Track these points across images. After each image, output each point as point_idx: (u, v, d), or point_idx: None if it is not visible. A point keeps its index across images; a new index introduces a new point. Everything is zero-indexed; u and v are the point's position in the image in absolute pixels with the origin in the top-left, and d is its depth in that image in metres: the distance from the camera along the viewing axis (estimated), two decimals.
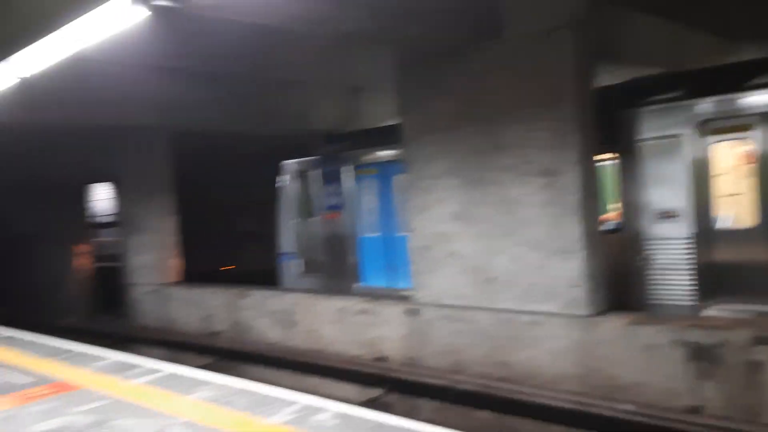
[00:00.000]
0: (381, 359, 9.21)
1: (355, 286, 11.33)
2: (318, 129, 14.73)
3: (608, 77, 8.47)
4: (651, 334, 6.61)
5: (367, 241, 11.25)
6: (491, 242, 7.82)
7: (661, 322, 6.70)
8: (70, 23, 5.17)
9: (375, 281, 11.14)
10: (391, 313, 9.11)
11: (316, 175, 12.26)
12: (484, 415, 7.82)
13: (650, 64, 8.93)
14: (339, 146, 12.15)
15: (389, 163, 10.83)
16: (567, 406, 7.01)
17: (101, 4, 4.78)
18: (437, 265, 8.40)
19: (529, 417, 7.35)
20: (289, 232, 12.80)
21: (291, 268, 12.84)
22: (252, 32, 7.74)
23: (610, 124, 8.08)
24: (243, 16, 5.97)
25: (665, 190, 7.96)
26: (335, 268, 11.87)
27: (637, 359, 6.70)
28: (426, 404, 8.54)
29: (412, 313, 8.77)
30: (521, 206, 7.51)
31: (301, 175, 12.66)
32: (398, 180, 10.58)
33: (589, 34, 7.29)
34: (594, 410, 6.79)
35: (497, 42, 7.52)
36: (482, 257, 7.93)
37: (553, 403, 7.12)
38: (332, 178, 11.85)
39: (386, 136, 11.19)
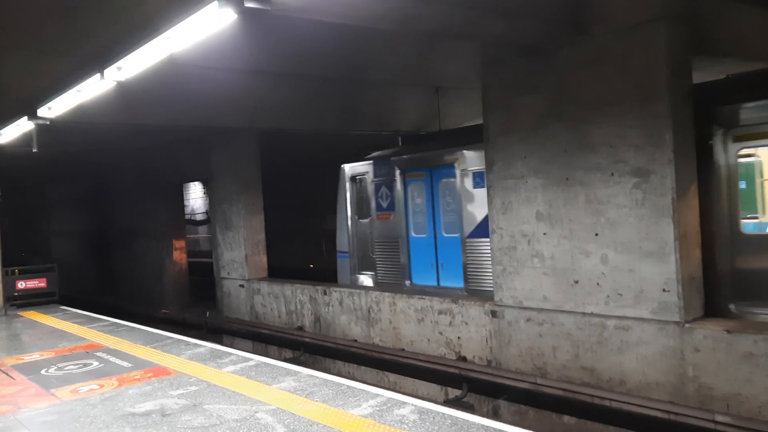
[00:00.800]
0: (461, 359, 9.17)
1: (405, 283, 11.84)
2: (399, 129, 14.85)
3: (703, 74, 8.13)
4: (752, 342, 6.26)
5: (416, 241, 11.67)
6: (577, 244, 7.63)
7: (764, 330, 6.33)
8: (167, 29, 5.44)
9: (422, 280, 11.58)
10: (472, 314, 9.06)
11: (369, 178, 12.80)
12: (567, 421, 7.66)
13: (754, 60, 8.46)
14: (390, 151, 12.58)
15: (436, 167, 11.27)
16: (656, 415, 6.74)
17: (197, 10, 5.01)
18: (520, 267, 8.28)
19: (615, 425, 7.14)
20: (345, 232, 13.40)
21: (346, 265, 13.40)
22: (337, 33, 7.88)
23: None
24: (328, 16, 6.09)
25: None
26: (386, 266, 12.36)
27: (735, 369, 6.35)
28: (507, 406, 8.45)
29: (494, 314, 8.68)
30: (610, 207, 7.28)
31: (357, 177, 13.23)
32: (444, 184, 11.07)
33: (684, 27, 6.99)
34: (686, 421, 6.50)
35: (586, 37, 7.34)
36: (567, 259, 7.75)
37: (642, 411, 6.87)
38: (384, 182, 12.36)
39: (434, 142, 11.76)
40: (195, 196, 26.98)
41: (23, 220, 24.38)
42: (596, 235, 7.40)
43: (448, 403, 8.50)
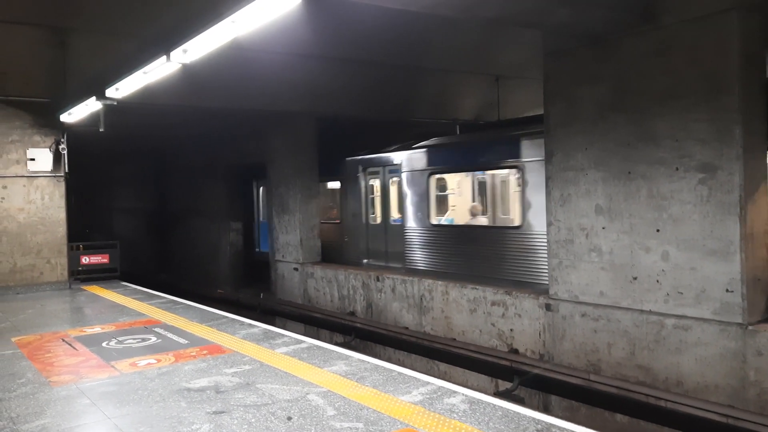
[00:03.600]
0: (513, 352, 9.09)
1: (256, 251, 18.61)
2: (457, 118, 14.74)
3: None
4: None
5: (262, 225, 18.28)
6: (637, 239, 7.43)
7: None
8: (233, 13, 5.52)
9: (263, 248, 17.91)
10: (526, 307, 8.95)
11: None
12: (621, 419, 7.51)
13: None
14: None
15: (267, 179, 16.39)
16: (714, 418, 6.53)
17: None
18: (577, 261, 8.13)
19: (670, 426, 6.95)
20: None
21: None
22: (398, 19, 7.85)
23: None
24: (390, 2, 6.04)
25: None
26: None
27: None
28: (558, 401, 8.34)
29: (548, 308, 8.56)
30: (673, 202, 7.06)
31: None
32: (265, 190, 17.10)
33: (760, 18, 6.67)
34: (746, 426, 6.28)
35: (653, 27, 7.10)
36: (626, 255, 7.56)
37: (699, 414, 6.67)
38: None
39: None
40: None
41: (88, 198, 25.27)
42: (657, 231, 7.20)
43: (499, 395, 8.45)
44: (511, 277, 10.20)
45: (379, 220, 13.91)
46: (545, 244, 8.74)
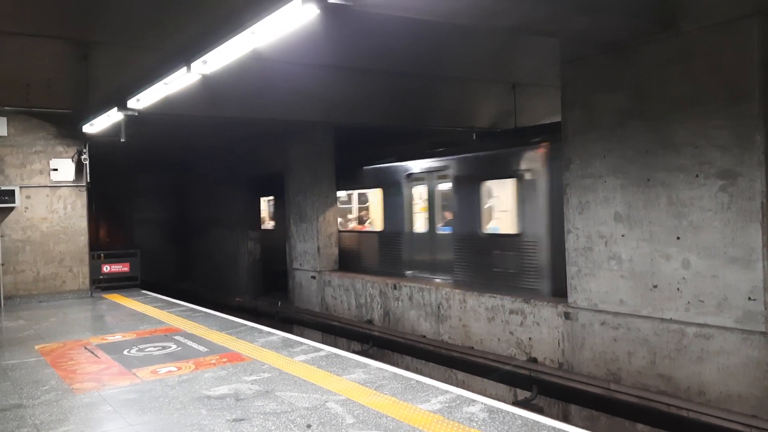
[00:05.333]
0: (532, 361, 9.04)
1: None
2: (474, 126, 14.73)
3: None
4: None
5: None
6: (657, 247, 7.38)
7: None
8: (252, 25, 5.59)
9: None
10: (544, 315, 8.91)
11: None
12: (641, 429, 7.43)
13: None
14: None
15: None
16: (737, 428, 6.45)
17: (281, 5, 5.12)
18: (596, 269, 8.08)
19: None
20: None
21: None
22: (415, 29, 7.90)
23: None
24: (408, 12, 6.09)
25: None
26: None
27: None
28: (578, 411, 8.27)
29: (567, 316, 8.51)
30: (693, 210, 7.00)
31: None
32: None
33: None
34: None
35: (672, 34, 7.07)
36: (646, 262, 7.51)
37: (722, 424, 6.58)
38: None
39: None
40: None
41: (109, 208, 25.51)
42: (678, 238, 7.14)
43: (518, 404, 8.41)
44: None
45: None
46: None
